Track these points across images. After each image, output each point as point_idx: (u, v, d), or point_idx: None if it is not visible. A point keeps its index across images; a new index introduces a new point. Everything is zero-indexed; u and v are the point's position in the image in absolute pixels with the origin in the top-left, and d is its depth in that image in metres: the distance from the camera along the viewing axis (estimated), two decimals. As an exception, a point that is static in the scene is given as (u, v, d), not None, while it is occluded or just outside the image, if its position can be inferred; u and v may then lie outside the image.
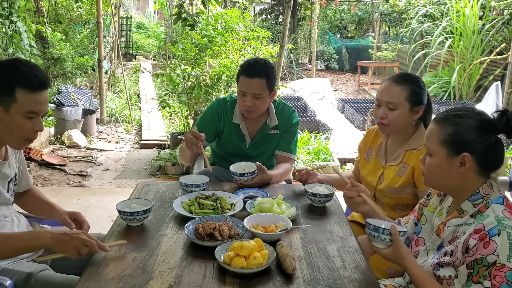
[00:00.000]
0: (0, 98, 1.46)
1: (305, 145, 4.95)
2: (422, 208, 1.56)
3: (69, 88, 6.75)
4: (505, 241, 1.18)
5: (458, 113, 1.35)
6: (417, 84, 1.89)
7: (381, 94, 1.91)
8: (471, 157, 1.29)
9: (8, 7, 4.70)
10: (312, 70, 11.50)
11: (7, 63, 1.52)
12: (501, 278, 1.15)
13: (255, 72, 2.17)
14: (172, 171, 4.68)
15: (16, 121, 1.48)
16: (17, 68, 1.47)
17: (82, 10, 8.96)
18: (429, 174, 1.39)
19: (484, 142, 1.30)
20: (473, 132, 1.30)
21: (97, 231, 1.94)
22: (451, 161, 1.32)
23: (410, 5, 9.84)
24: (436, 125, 1.37)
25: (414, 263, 1.32)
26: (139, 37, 16.02)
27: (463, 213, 1.33)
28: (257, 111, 2.26)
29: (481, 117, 1.32)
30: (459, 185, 1.35)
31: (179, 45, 5.07)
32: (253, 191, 2.01)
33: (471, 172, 1.32)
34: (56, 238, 1.40)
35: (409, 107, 1.86)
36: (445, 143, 1.33)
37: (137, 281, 1.32)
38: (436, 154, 1.35)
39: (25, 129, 1.50)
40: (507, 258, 1.16)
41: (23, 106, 1.47)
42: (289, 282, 1.34)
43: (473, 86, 8.02)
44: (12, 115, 1.47)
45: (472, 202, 1.32)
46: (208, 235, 1.52)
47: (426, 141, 1.39)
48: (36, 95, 1.49)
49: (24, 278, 1.49)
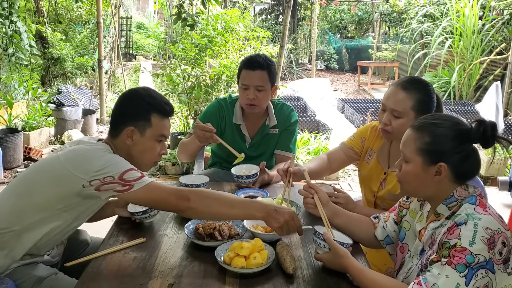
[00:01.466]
0: (137, 123, 1.58)
1: (305, 145, 4.96)
2: (402, 210, 1.56)
3: (69, 88, 6.74)
4: (470, 228, 1.20)
5: (436, 121, 1.35)
6: (425, 92, 1.79)
7: (387, 99, 1.83)
8: (447, 166, 1.30)
9: (8, 7, 4.70)
10: (312, 70, 11.50)
11: (141, 91, 1.66)
12: (459, 259, 1.16)
13: (257, 64, 2.20)
14: (172, 171, 4.68)
15: (149, 145, 1.61)
16: (152, 96, 1.62)
17: (82, 10, 8.96)
18: (404, 180, 1.40)
19: (460, 152, 1.30)
20: (450, 142, 1.31)
21: (97, 231, 1.94)
22: (427, 169, 1.33)
23: (410, 5, 9.84)
24: (413, 132, 1.36)
25: (352, 258, 1.36)
26: (139, 37, 16.02)
27: (439, 216, 1.35)
28: (259, 105, 2.25)
29: (459, 127, 1.32)
30: (433, 192, 1.36)
31: (179, 45, 5.07)
32: (253, 191, 2.01)
33: (446, 180, 1.33)
34: (268, 214, 1.44)
35: (414, 116, 1.77)
36: (421, 151, 1.33)
37: (137, 281, 1.32)
38: (412, 161, 1.35)
39: (155, 152, 1.63)
40: (469, 243, 1.17)
41: (157, 130, 1.60)
42: (289, 282, 1.34)
43: (473, 86, 8.02)
44: (146, 139, 1.60)
45: (447, 205, 1.33)
46: (208, 235, 1.53)
47: (403, 148, 1.39)
48: (166, 121, 1.64)
49: (33, 282, 1.50)
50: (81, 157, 1.47)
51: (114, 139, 1.61)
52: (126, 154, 1.57)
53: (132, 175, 1.45)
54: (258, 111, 2.29)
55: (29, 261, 1.54)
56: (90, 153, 1.48)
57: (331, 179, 4.58)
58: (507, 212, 3.18)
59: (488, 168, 4.58)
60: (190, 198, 1.45)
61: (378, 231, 1.60)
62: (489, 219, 1.22)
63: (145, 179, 1.47)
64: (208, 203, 1.47)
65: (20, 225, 1.46)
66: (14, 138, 4.60)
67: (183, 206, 1.46)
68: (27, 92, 5.51)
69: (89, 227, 1.79)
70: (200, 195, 1.48)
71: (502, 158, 4.57)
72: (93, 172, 1.42)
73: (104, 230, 1.69)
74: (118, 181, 1.43)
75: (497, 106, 4.38)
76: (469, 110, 7.04)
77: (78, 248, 1.81)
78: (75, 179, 1.42)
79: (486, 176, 4.61)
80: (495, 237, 1.18)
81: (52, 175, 1.47)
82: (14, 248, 1.47)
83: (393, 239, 1.57)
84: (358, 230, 1.63)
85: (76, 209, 1.50)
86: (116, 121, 1.61)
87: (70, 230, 1.60)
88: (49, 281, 1.51)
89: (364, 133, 2.15)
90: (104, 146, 1.56)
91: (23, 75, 5.27)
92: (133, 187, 1.44)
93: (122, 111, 1.61)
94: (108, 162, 1.45)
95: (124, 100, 1.63)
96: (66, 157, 1.49)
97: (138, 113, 1.58)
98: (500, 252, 1.19)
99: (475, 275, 1.14)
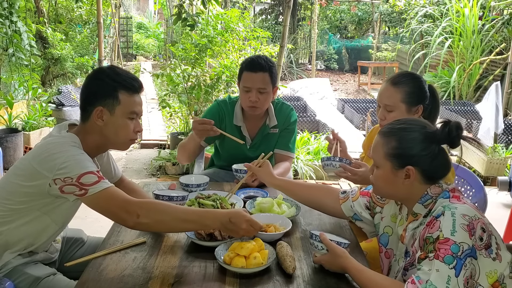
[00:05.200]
0: (105, 102, 1.53)
1: (305, 145, 4.96)
2: (375, 207, 1.58)
3: (69, 88, 6.74)
4: (448, 218, 1.22)
5: (403, 126, 1.38)
6: (413, 85, 1.88)
7: (380, 96, 1.94)
8: (415, 169, 1.33)
9: (8, 7, 4.70)
10: (312, 70, 11.50)
11: (106, 69, 1.61)
12: (445, 251, 1.18)
13: (259, 66, 2.18)
14: (172, 171, 4.68)
15: (121, 123, 1.56)
16: (117, 73, 1.57)
17: (82, 10, 8.96)
18: (377, 184, 1.43)
19: (428, 154, 1.33)
20: (417, 146, 1.33)
21: (97, 231, 1.94)
22: (396, 173, 1.36)
23: (410, 6, 9.84)
24: (381, 138, 1.40)
25: (351, 258, 1.37)
26: (139, 37, 16.02)
27: (416, 216, 1.37)
28: (261, 107, 2.25)
29: (425, 130, 1.35)
30: (406, 194, 1.39)
31: (179, 45, 5.07)
32: (253, 191, 2.01)
33: (416, 183, 1.35)
34: (224, 225, 1.40)
35: (405, 108, 1.87)
36: (389, 156, 1.36)
37: (137, 281, 1.32)
38: (382, 166, 1.38)
39: (129, 130, 1.58)
40: (451, 232, 1.19)
41: (127, 107, 1.55)
42: (289, 282, 1.34)
43: (472, 86, 8.02)
44: (117, 117, 1.55)
45: (423, 203, 1.36)
46: (208, 235, 1.53)
47: (373, 153, 1.42)
48: (136, 96, 1.58)
49: (31, 281, 1.50)
50: (45, 153, 1.45)
51: (85, 123, 1.56)
52: (99, 136, 1.55)
53: (89, 179, 1.40)
54: (259, 112, 2.29)
55: (28, 259, 1.55)
56: (54, 148, 1.45)
57: (331, 179, 4.58)
58: (507, 212, 3.18)
59: (488, 168, 4.59)
60: (140, 214, 1.38)
61: (345, 208, 1.64)
62: (464, 207, 1.25)
63: (100, 185, 1.41)
64: (159, 218, 1.41)
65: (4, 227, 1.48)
66: (14, 138, 4.61)
67: (132, 222, 1.40)
68: (27, 92, 5.51)
69: (89, 227, 1.79)
70: (151, 210, 1.41)
71: (502, 158, 4.57)
72: (56, 170, 1.39)
73: (104, 230, 1.69)
74: (76, 183, 1.39)
75: (497, 106, 4.38)
76: (469, 110, 7.04)
77: (73, 247, 1.81)
78: (42, 176, 1.41)
79: (486, 176, 4.61)
80: (474, 223, 1.22)
81: (23, 174, 1.47)
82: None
83: (362, 217, 1.61)
84: (324, 198, 1.69)
85: (55, 210, 1.50)
86: (84, 104, 1.56)
87: (57, 229, 1.59)
88: (47, 282, 1.51)
89: (366, 140, 2.25)
90: (71, 138, 1.51)
91: (23, 75, 5.27)
92: (88, 192, 1.40)
93: (89, 92, 1.56)
94: (69, 159, 1.41)
95: (89, 81, 1.58)
96: (34, 153, 1.49)
97: (105, 92, 1.53)
98: (480, 238, 1.22)
99: (464, 265, 1.16)
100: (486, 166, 4.58)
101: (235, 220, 1.38)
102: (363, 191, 1.63)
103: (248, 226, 1.39)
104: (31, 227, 1.51)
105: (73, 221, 1.69)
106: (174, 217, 1.42)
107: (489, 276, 1.22)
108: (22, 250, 1.53)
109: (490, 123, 4.49)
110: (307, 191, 1.74)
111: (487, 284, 1.22)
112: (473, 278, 1.20)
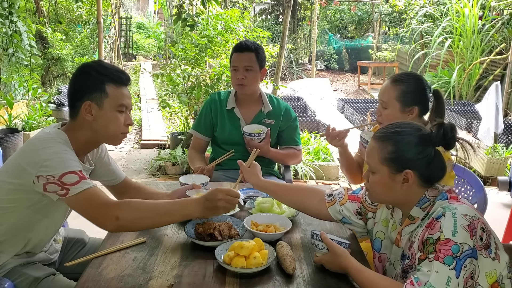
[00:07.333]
0: (92, 96, 1.50)
1: (305, 145, 4.95)
2: (367, 212, 1.55)
3: (69, 88, 6.74)
4: (449, 219, 1.21)
5: (397, 130, 1.36)
6: (411, 85, 1.88)
7: (379, 92, 1.99)
8: (413, 173, 1.32)
9: (8, 7, 4.70)
10: (312, 70, 11.50)
11: (92, 63, 1.59)
12: (446, 251, 1.17)
13: (245, 47, 2.37)
14: (172, 171, 4.68)
15: (110, 116, 1.53)
16: (104, 66, 1.55)
17: (82, 10, 8.97)
18: (373, 190, 1.41)
19: (424, 157, 1.32)
20: (413, 149, 1.32)
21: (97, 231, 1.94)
22: (394, 178, 1.34)
23: (410, 6, 9.83)
24: (376, 142, 1.37)
25: (351, 258, 1.36)
26: (139, 37, 16.03)
27: (414, 219, 1.36)
28: (249, 85, 2.36)
29: (420, 133, 1.34)
30: (404, 198, 1.37)
31: (179, 45, 5.07)
32: (253, 191, 2.01)
33: (414, 186, 1.34)
34: (204, 208, 1.40)
35: (399, 107, 1.88)
36: (386, 161, 1.34)
37: (137, 281, 1.32)
38: (378, 172, 1.36)
39: (119, 123, 1.55)
40: (452, 233, 1.19)
41: (115, 100, 1.52)
42: (289, 282, 1.34)
43: (472, 86, 8.02)
44: (106, 111, 1.52)
45: (420, 207, 1.35)
46: (208, 235, 1.53)
47: (368, 159, 1.40)
48: (123, 89, 1.55)
49: (30, 282, 1.50)
50: (29, 149, 1.44)
51: (75, 119, 1.54)
52: (89, 131, 1.53)
53: (71, 178, 1.37)
54: (248, 92, 2.39)
55: (26, 260, 1.54)
56: (39, 143, 1.43)
57: (331, 179, 4.58)
58: (507, 212, 3.18)
59: (488, 168, 4.58)
60: (119, 215, 1.36)
61: (332, 211, 1.59)
62: (464, 207, 1.25)
63: (81, 185, 1.38)
64: (140, 215, 1.40)
65: None
66: (14, 138, 4.61)
67: (111, 226, 1.39)
68: (27, 92, 5.51)
69: (89, 227, 1.78)
70: (131, 208, 1.40)
71: (502, 158, 4.57)
72: (39, 166, 1.37)
73: (104, 230, 1.69)
74: (58, 182, 1.37)
75: (497, 106, 4.37)
76: (469, 110, 7.04)
77: (74, 248, 1.81)
78: (26, 172, 1.40)
79: (486, 176, 4.61)
80: (475, 223, 1.21)
81: (9, 170, 1.46)
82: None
83: (351, 221, 1.57)
84: (308, 200, 1.64)
85: (45, 208, 1.49)
86: (72, 100, 1.53)
87: (52, 228, 1.58)
88: (47, 282, 1.51)
89: None
90: (58, 134, 1.49)
91: (23, 75, 5.28)
92: (69, 193, 1.37)
93: (76, 87, 1.54)
94: (52, 157, 1.39)
95: (76, 77, 1.55)
96: (21, 149, 1.48)
97: (92, 86, 1.50)
98: (481, 238, 1.22)
99: (463, 265, 1.16)
100: (486, 166, 4.58)
101: (211, 196, 1.39)
102: (351, 195, 1.59)
103: (224, 196, 1.40)
104: (24, 227, 1.50)
105: (75, 221, 1.68)
106: (155, 212, 1.41)
107: (489, 276, 1.22)
108: (19, 251, 1.53)
109: (490, 123, 4.48)
110: (290, 192, 1.69)
111: (486, 284, 1.21)
112: (473, 279, 1.19)
